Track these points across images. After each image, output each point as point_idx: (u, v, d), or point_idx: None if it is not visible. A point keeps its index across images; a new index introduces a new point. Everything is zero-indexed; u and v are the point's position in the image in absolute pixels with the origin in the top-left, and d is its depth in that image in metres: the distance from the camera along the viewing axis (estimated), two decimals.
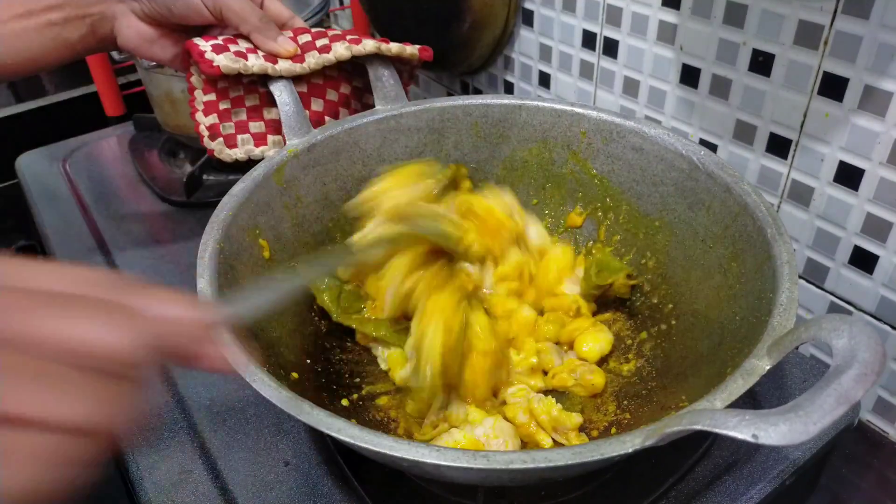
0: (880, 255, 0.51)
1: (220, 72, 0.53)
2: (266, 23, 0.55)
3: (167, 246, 0.70)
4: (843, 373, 0.28)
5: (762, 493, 0.45)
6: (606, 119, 0.55)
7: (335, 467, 0.47)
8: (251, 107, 0.58)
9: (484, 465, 0.30)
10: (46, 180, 0.83)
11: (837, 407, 0.27)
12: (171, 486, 0.46)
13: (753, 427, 0.27)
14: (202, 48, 0.54)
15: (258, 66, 0.54)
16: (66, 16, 0.55)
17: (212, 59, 0.53)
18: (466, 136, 0.60)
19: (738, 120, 0.56)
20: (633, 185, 0.55)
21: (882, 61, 0.46)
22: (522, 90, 0.79)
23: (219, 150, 0.57)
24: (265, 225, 0.49)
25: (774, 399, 0.51)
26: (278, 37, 0.56)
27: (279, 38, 0.56)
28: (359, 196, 0.52)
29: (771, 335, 0.35)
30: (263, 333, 0.44)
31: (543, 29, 0.72)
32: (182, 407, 0.52)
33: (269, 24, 0.55)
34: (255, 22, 0.55)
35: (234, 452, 0.48)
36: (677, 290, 0.51)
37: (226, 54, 0.53)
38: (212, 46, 0.54)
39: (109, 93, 0.98)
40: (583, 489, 0.44)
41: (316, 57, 0.57)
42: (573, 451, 0.30)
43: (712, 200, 0.49)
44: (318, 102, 0.59)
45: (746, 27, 0.53)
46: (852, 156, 0.50)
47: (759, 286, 0.41)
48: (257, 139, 0.58)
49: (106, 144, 0.91)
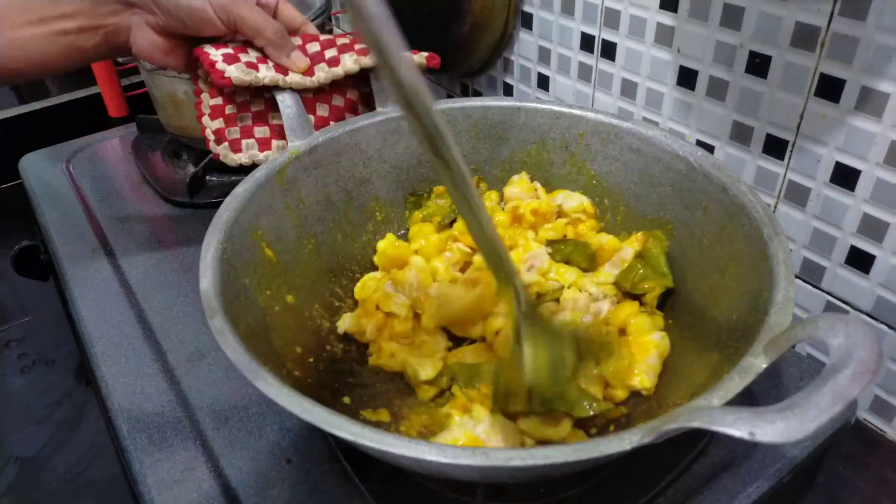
0: (877, 255, 0.51)
1: (231, 83, 0.53)
2: (280, 37, 0.56)
3: (170, 247, 0.71)
4: (840, 371, 0.28)
5: (759, 491, 0.45)
6: (604, 120, 0.56)
7: (337, 465, 0.47)
8: (256, 112, 0.58)
9: (483, 462, 0.30)
10: (50, 181, 0.84)
11: (833, 405, 0.27)
12: (173, 484, 0.47)
13: (750, 424, 0.27)
14: (213, 58, 0.54)
15: (269, 77, 0.55)
16: (80, 25, 0.55)
17: (223, 70, 0.53)
18: (466, 137, 0.60)
19: (734, 121, 0.57)
20: (630, 186, 0.56)
21: (879, 63, 0.46)
22: (521, 92, 0.80)
23: (224, 155, 0.58)
24: (267, 226, 0.50)
25: (771, 397, 0.51)
26: (292, 52, 0.56)
27: (293, 55, 0.56)
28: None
29: (767, 334, 0.36)
30: (265, 332, 0.45)
31: (542, 31, 0.72)
32: (184, 405, 0.53)
33: (283, 39, 0.56)
34: (270, 36, 0.55)
35: (235, 450, 0.49)
36: (675, 290, 0.51)
37: (237, 65, 0.54)
38: (223, 56, 0.54)
39: (112, 94, 0.98)
40: (581, 486, 0.45)
41: (325, 71, 0.57)
42: (572, 449, 0.31)
43: (709, 201, 0.49)
44: (323, 108, 0.60)
45: (743, 29, 0.53)
46: (849, 157, 0.50)
47: (756, 285, 0.41)
48: (262, 144, 0.59)
49: (109, 145, 0.91)
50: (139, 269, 0.68)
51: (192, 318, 0.61)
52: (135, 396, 0.54)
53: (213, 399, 0.53)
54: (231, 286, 0.42)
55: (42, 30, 0.54)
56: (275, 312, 0.47)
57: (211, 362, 0.56)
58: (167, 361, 0.57)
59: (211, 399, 0.53)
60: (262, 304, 0.46)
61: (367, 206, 0.59)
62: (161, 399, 0.53)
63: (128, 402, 0.53)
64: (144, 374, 0.56)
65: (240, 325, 0.39)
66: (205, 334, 0.58)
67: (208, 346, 0.58)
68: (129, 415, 0.52)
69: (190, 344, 0.58)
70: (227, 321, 0.38)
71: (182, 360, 0.57)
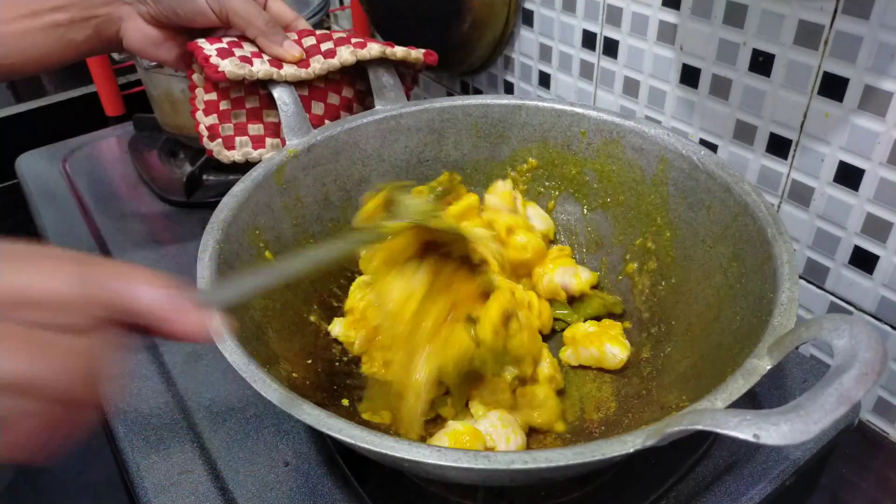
0: (880, 255, 0.51)
1: (225, 77, 0.53)
2: (272, 27, 0.55)
3: (167, 246, 0.70)
4: (844, 372, 0.28)
5: (762, 494, 0.45)
6: (606, 119, 0.55)
7: (335, 467, 0.47)
8: (251, 109, 0.58)
9: (485, 465, 0.30)
10: (46, 180, 0.83)
11: (838, 407, 0.27)
12: (170, 486, 0.46)
13: (755, 427, 0.27)
14: (207, 52, 0.53)
15: (263, 71, 0.54)
16: (72, 17, 0.55)
17: (217, 65, 0.53)
18: (466, 136, 0.60)
19: (738, 120, 0.56)
20: (633, 185, 0.55)
21: (882, 61, 0.46)
22: (522, 90, 0.79)
23: (217, 151, 0.57)
24: (265, 225, 0.49)
25: (775, 399, 0.51)
26: (284, 41, 0.56)
27: (285, 43, 0.56)
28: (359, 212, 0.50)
29: (772, 335, 0.35)
30: (263, 333, 0.44)
31: (543, 29, 0.72)
32: (182, 407, 0.52)
33: (275, 29, 0.55)
34: (261, 26, 0.55)
35: (233, 452, 0.48)
36: (678, 290, 0.51)
37: (231, 59, 0.53)
38: (217, 51, 0.54)
39: (109, 93, 0.98)
40: (583, 489, 0.44)
41: (321, 62, 0.56)
42: (574, 451, 0.30)
43: (712, 200, 0.49)
44: (319, 106, 0.59)
45: (746, 27, 0.53)
46: (852, 156, 0.50)
47: (760, 286, 0.41)
48: (255, 142, 0.58)
49: (106, 144, 0.91)
50: None
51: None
52: (132, 398, 0.53)
53: (210, 401, 0.52)
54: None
55: (34, 23, 0.54)
56: (272, 313, 0.47)
57: (208, 363, 0.56)
58: (164, 363, 0.56)
59: (208, 401, 0.52)
60: (259, 305, 0.45)
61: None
62: (158, 401, 0.53)
63: (125, 403, 0.53)
64: (141, 375, 0.55)
65: (238, 326, 0.39)
66: None
67: (205, 346, 0.57)
68: (125, 416, 0.52)
69: (187, 345, 0.58)
70: (225, 323, 0.37)
71: (179, 361, 0.56)
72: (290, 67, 0.55)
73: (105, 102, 0.98)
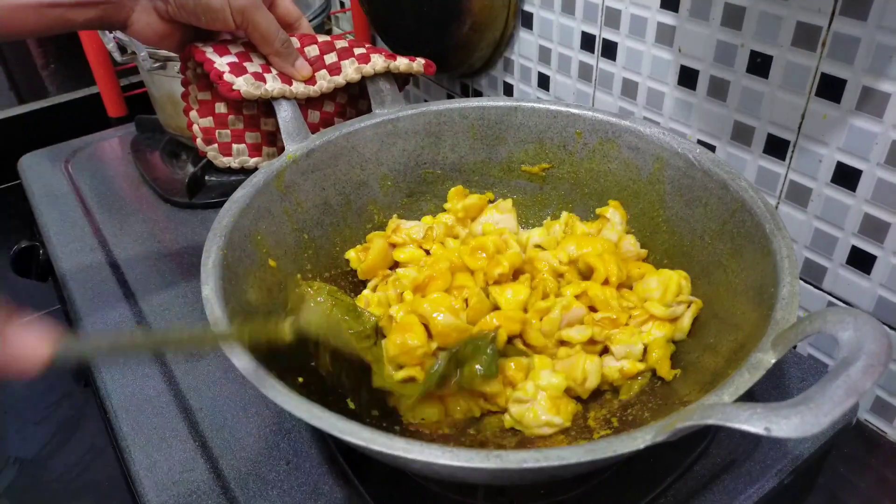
0: (878, 255, 0.51)
1: (240, 96, 0.53)
2: (287, 47, 0.56)
3: (169, 247, 0.71)
4: (851, 364, 0.28)
5: (761, 492, 0.45)
6: (602, 119, 0.56)
7: (336, 466, 0.47)
8: (248, 116, 0.57)
9: (497, 464, 0.30)
10: (49, 181, 0.83)
11: (847, 398, 0.27)
12: (172, 485, 0.46)
13: (765, 420, 0.27)
14: (219, 68, 0.53)
15: (278, 89, 0.54)
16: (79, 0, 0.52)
17: (231, 83, 0.53)
18: (463, 138, 0.60)
19: (736, 121, 0.57)
20: (629, 184, 0.56)
21: (880, 62, 0.46)
22: (522, 92, 0.80)
23: (213, 156, 0.57)
24: (266, 231, 0.50)
25: (773, 399, 0.51)
26: (296, 61, 0.56)
27: (297, 62, 0.56)
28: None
29: (775, 329, 0.35)
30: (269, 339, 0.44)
31: (543, 31, 0.72)
32: (183, 406, 0.53)
33: (289, 48, 0.56)
34: (278, 46, 0.55)
35: (234, 451, 0.49)
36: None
37: (245, 77, 0.53)
38: (229, 66, 0.54)
39: (111, 94, 0.98)
40: (582, 487, 0.44)
41: (327, 79, 0.57)
42: (585, 449, 0.30)
43: (709, 197, 0.49)
44: (314, 115, 0.60)
45: (744, 29, 0.53)
46: (850, 157, 0.50)
47: (760, 281, 0.41)
48: (252, 150, 0.58)
49: (108, 145, 0.91)
50: (138, 269, 0.68)
51: (191, 319, 0.61)
52: (134, 397, 0.53)
53: (211, 400, 0.53)
54: (233, 292, 0.42)
55: (30, 0, 0.50)
56: (276, 316, 0.47)
57: (209, 363, 0.56)
58: (166, 362, 0.57)
59: (210, 400, 0.53)
60: (263, 309, 0.46)
61: (364, 210, 0.59)
62: (160, 400, 0.53)
63: (127, 402, 0.53)
64: (143, 374, 0.55)
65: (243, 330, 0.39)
66: None
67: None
68: (128, 416, 0.52)
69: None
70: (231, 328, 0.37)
71: (181, 360, 0.57)
72: (299, 86, 0.56)
73: (107, 103, 0.99)
